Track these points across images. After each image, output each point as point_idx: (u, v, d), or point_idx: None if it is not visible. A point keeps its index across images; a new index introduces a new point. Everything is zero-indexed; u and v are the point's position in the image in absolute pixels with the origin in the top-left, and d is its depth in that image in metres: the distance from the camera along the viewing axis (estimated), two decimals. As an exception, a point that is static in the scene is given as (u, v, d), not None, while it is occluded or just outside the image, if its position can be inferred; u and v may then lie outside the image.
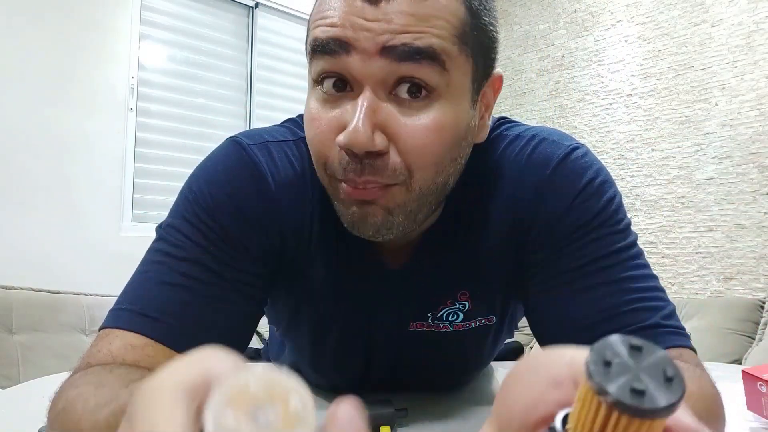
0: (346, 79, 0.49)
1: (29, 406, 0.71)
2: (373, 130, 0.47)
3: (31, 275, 2.22)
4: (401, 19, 0.46)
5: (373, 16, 0.46)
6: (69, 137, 2.40)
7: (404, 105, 0.49)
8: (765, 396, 0.59)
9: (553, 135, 0.61)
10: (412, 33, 0.46)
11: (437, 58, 0.47)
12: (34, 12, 2.34)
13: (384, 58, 0.47)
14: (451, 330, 0.64)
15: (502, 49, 3.27)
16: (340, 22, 0.47)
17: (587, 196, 0.57)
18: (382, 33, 0.46)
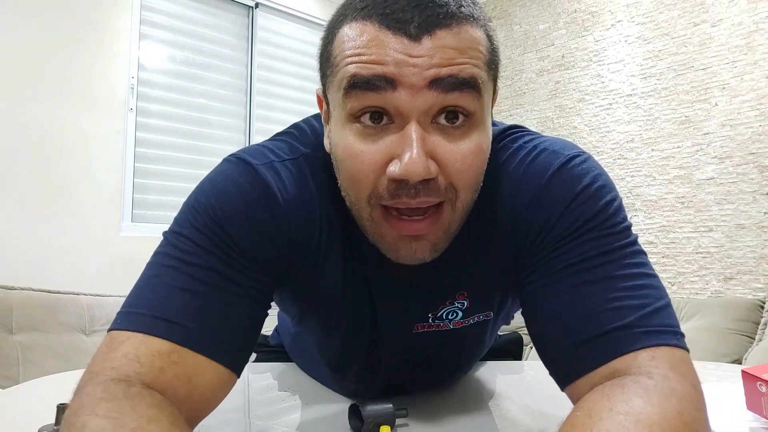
0: (388, 112, 0.51)
1: (29, 406, 0.71)
2: (427, 159, 0.50)
3: (31, 275, 2.22)
4: (444, 53, 0.49)
5: (417, 52, 0.49)
6: (69, 137, 2.40)
7: (446, 132, 0.51)
8: (765, 396, 0.59)
9: (555, 145, 0.61)
10: (456, 65, 0.50)
11: (477, 87, 0.51)
12: (34, 12, 2.34)
13: (432, 90, 0.49)
14: (451, 327, 0.66)
15: (503, 49, 3.27)
16: (382, 59, 0.49)
17: (584, 200, 0.56)
18: (429, 68, 0.49)
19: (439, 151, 0.51)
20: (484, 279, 0.64)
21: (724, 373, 0.95)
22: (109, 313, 2.21)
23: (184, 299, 0.52)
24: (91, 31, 2.49)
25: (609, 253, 0.54)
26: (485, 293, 0.65)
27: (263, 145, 0.63)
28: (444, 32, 0.49)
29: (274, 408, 0.71)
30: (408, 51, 0.49)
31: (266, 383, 0.85)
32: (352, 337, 0.67)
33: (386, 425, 0.57)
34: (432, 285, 0.64)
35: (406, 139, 0.49)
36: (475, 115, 0.52)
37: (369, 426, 0.57)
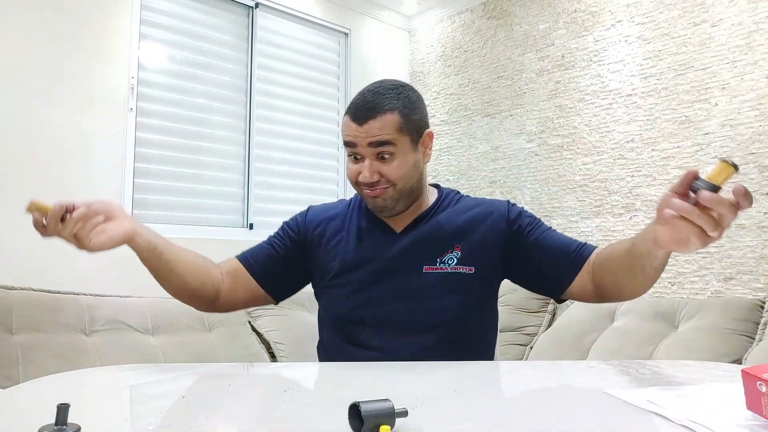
0: (358, 154, 1.13)
1: (29, 406, 0.71)
2: (372, 174, 1.11)
3: (31, 275, 2.22)
4: (372, 131, 1.09)
5: (365, 130, 1.10)
6: (69, 137, 2.40)
7: (381, 161, 1.11)
8: (765, 396, 0.59)
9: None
10: (377, 135, 1.09)
11: (390, 143, 1.10)
12: (33, 12, 2.34)
13: (370, 147, 1.10)
14: (449, 271, 1.13)
15: (502, 49, 3.27)
16: (351, 134, 1.11)
17: (515, 206, 1.24)
18: (366, 138, 1.10)
19: (379, 169, 1.11)
20: (469, 242, 1.15)
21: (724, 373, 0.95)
22: (110, 313, 2.21)
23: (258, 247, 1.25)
24: (91, 31, 2.49)
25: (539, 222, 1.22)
26: (470, 252, 1.14)
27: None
28: (372, 120, 1.10)
29: (274, 408, 0.71)
30: (358, 130, 1.10)
31: (266, 383, 0.85)
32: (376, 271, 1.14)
33: (386, 425, 0.57)
34: (431, 239, 1.16)
35: (364, 166, 1.12)
36: (393, 154, 1.11)
37: (369, 426, 0.57)
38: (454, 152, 3.48)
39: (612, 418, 0.66)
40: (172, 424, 0.62)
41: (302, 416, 0.66)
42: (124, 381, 0.91)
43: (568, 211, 2.90)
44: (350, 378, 0.86)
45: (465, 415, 0.68)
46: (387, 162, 1.10)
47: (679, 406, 0.66)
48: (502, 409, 0.72)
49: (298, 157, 3.24)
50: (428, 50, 3.72)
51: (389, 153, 1.09)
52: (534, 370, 0.98)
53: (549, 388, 0.84)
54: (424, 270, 1.12)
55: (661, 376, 0.93)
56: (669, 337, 2.18)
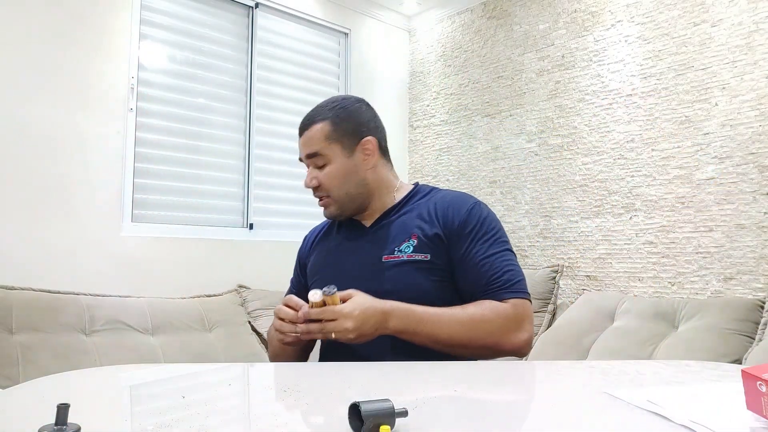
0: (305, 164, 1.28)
1: (29, 406, 0.71)
2: (311, 180, 1.27)
3: (31, 275, 2.22)
4: (306, 142, 1.26)
5: (302, 143, 1.27)
6: (69, 137, 2.40)
7: (318, 169, 1.26)
8: (765, 396, 0.59)
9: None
10: (309, 146, 1.25)
11: (319, 153, 1.24)
12: (33, 12, 2.34)
13: (307, 158, 1.27)
14: (405, 258, 1.17)
15: (502, 49, 3.27)
16: (299, 146, 1.29)
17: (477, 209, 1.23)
18: (304, 149, 1.27)
19: (317, 176, 1.26)
20: (424, 232, 1.19)
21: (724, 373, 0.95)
22: (110, 313, 2.21)
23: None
24: (91, 31, 2.49)
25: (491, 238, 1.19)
26: (425, 241, 1.18)
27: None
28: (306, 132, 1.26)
29: (274, 408, 0.71)
30: (301, 142, 1.27)
31: (266, 383, 0.85)
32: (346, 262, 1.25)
33: (386, 425, 0.57)
34: (392, 231, 1.24)
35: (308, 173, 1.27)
36: (325, 162, 1.24)
37: (369, 426, 0.57)
38: (454, 152, 3.48)
39: (612, 418, 0.66)
40: (172, 424, 0.62)
41: (302, 416, 0.66)
42: (124, 381, 0.91)
43: (568, 211, 2.90)
44: (350, 378, 0.86)
45: (465, 415, 0.68)
46: (322, 170, 1.24)
47: (679, 406, 0.66)
48: (502, 409, 0.72)
49: (298, 157, 3.23)
50: (428, 50, 3.72)
51: (321, 162, 1.23)
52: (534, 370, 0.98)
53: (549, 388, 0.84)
54: (383, 259, 1.19)
55: (661, 376, 0.93)
56: (669, 337, 2.18)
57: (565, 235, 2.89)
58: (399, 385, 0.82)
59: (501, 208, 3.19)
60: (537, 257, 3.00)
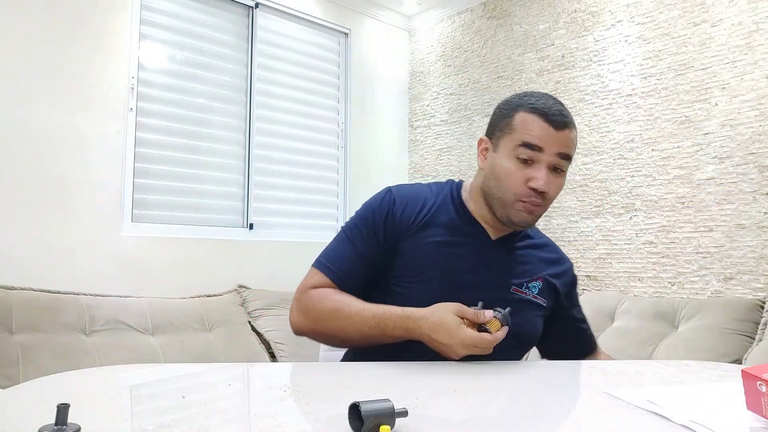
0: (537, 160, 1.05)
1: (29, 406, 0.71)
2: (548, 185, 1.04)
3: (31, 275, 2.22)
4: (567, 141, 1.05)
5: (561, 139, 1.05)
6: (69, 137, 2.40)
7: (555, 174, 1.06)
8: (765, 396, 0.59)
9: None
10: (569, 148, 1.06)
11: (570, 159, 1.07)
12: (33, 12, 2.34)
13: (557, 156, 1.04)
14: (530, 298, 1.13)
15: (502, 49, 3.27)
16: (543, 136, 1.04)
17: (574, 271, 1.30)
18: (559, 147, 1.04)
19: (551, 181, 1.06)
20: (549, 280, 1.17)
21: (724, 373, 0.95)
22: (110, 313, 2.21)
23: (340, 252, 1.12)
24: (91, 31, 2.49)
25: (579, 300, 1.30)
26: (547, 288, 1.16)
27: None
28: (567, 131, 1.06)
29: (274, 408, 0.71)
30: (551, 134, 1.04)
31: (266, 383, 0.85)
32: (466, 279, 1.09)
33: (386, 425, 0.57)
34: (519, 262, 1.15)
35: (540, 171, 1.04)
36: (564, 171, 1.08)
37: (369, 426, 0.57)
38: (455, 152, 3.48)
39: (612, 418, 0.66)
40: (172, 424, 0.62)
41: (302, 416, 0.66)
42: (124, 381, 0.91)
43: (568, 211, 2.90)
44: (350, 378, 0.86)
45: (465, 415, 0.68)
46: (558, 177, 1.06)
47: (679, 406, 0.66)
48: (502, 409, 0.72)
49: (298, 157, 3.24)
50: (428, 50, 3.72)
51: (564, 169, 1.07)
52: (534, 370, 0.98)
53: (549, 388, 0.84)
54: (511, 289, 1.11)
55: (661, 376, 0.93)
56: (669, 337, 2.18)
57: (565, 235, 2.89)
58: (399, 385, 0.82)
59: (501, 208, 3.19)
60: (537, 257, 3.00)
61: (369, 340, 1.04)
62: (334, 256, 1.11)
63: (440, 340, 0.96)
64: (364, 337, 1.04)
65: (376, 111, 3.61)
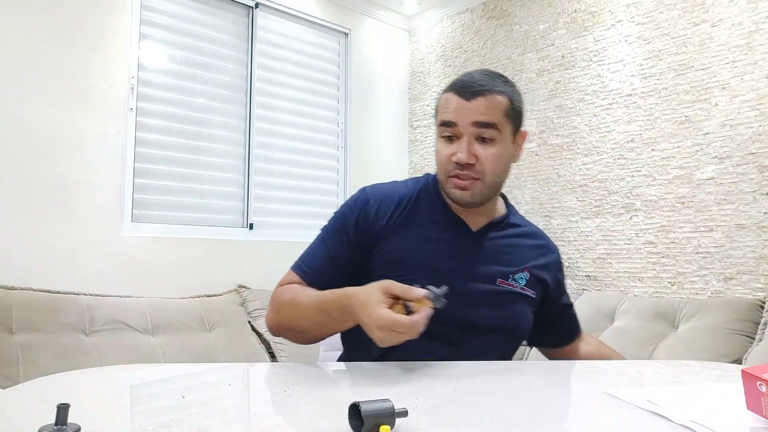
0: (456, 135, 1.07)
1: (29, 406, 0.71)
2: (470, 155, 1.05)
3: (31, 275, 2.22)
4: (480, 109, 1.04)
5: (474, 107, 1.05)
6: (69, 137, 2.40)
7: (481, 144, 1.06)
8: (765, 396, 0.59)
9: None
10: (485, 114, 1.04)
11: (495, 126, 1.05)
12: (33, 12, 2.34)
13: (473, 126, 1.05)
14: (518, 290, 1.11)
15: (502, 49, 3.27)
16: (453, 109, 1.06)
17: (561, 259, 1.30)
18: (472, 115, 1.04)
19: (477, 152, 1.06)
20: (536, 271, 1.15)
21: (724, 373, 0.95)
22: (109, 313, 2.21)
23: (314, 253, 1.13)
24: (91, 31, 2.49)
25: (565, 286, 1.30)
26: (534, 279, 1.14)
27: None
28: (481, 98, 1.05)
29: (274, 408, 0.71)
30: (463, 106, 1.05)
31: (266, 383, 0.85)
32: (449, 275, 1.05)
33: (386, 425, 0.57)
34: (504, 252, 1.13)
35: (462, 144, 1.05)
36: (495, 139, 1.06)
37: (369, 426, 0.57)
38: (454, 152, 3.48)
39: (612, 418, 0.66)
40: (172, 424, 0.62)
41: (302, 416, 0.66)
42: (124, 381, 0.91)
43: (568, 211, 2.90)
44: (350, 378, 0.86)
45: (465, 415, 0.68)
46: (486, 147, 1.05)
47: (679, 406, 0.66)
48: (502, 409, 0.72)
49: (298, 157, 3.24)
50: (428, 50, 3.72)
51: (491, 137, 1.05)
52: (534, 370, 0.98)
53: (549, 388, 0.84)
54: (497, 282, 1.10)
55: (661, 376, 0.93)
56: (669, 337, 2.18)
57: (565, 235, 2.88)
58: (399, 385, 0.81)
59: (501, 208, 3.19)
60: (537, 257, 3.00)
61: (321, 328, 1.01)
62: (307, 257, 1.12)
63: (363, 320, 0.87)
64: (316, 324, 1.00)
65: (376, 111, 3.61)
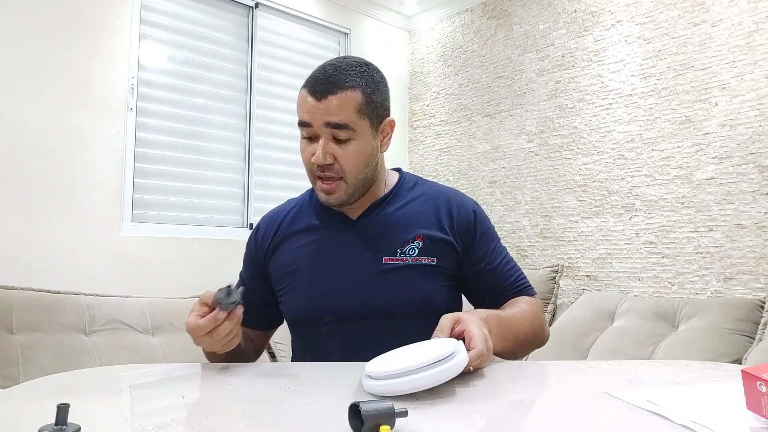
0: (313, 135, 1.04)
1: (29, 406, 0.71)
2: (326, 156, 1.02)
3: (31, 275, 2.22)
4: (331, 108, 1.00)
5: (323, 107, 1.01)
6: (69, 137, 2.40)
7: (337, 143, 1.03)
8: (765, 396, 0.59)
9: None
10: (336, 115, 1.00)
11: (348, 126, 1.02)
12: (33, 12, 2.34)
13: (327, 127, 1.01)
14: (410, 262, 1.06)
15: (502, 49, 3.28)
16: (307, 110, 1.03)
17: (480, 211, 1.17)
18: (323, 115, 1.01)
19: (334, 152, 1.03)
20: (431, 234, 1.09)
21: (724, 373, 0.95)
22: (109, 313, 2.21)
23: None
24: (91, 31, 2.49)
25: (495, 238, 1.16)
26: (431, 243, 1.08)
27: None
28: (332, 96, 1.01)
29: (274, 408, 0.71)
30: (315, 106, 1.01)
31: (266, 383, 0.85)
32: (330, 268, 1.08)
33: (386, 425, 0.57)
34: (388, 228, 1.09)
35: (318, 146, 1.03)
36: (351, 137, 1.02)
37: (369, 426, 0.57)
38: (454, 152, 3.48)
39: (612, 418, 0.66)
40: (172, 424, 0.62)
41: (302, 416, 0.66)
42: (124, 381, 0.91)
43: (568, 211, 2.90)
44: (350, 378, 0.86)
45: (465, 415, 0.68)
46: (343, 146, 1.02)
47: (679, 406, 0.66)
48: (502, 409, 0.72)
49: (298, 158, 3.22)
50: (428, 50, 3.72)
51: (346, 137, 1.02)
52: (534, 370, 0.98)
53: (549, 388, 0.84)
54: (383, 261, 1.06)
55: (661, 376, 0.93)
56: (669, 337, 2.18)
57: (565, 235, 2.89)
58: (399, 385, 0.81)
59: (501, 208, 3.19)
60: (537, 257, 3.00)
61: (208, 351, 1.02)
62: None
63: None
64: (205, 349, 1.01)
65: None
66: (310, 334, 1.11)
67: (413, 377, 0.71)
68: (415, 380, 0.71)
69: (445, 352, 0.74)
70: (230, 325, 0.91)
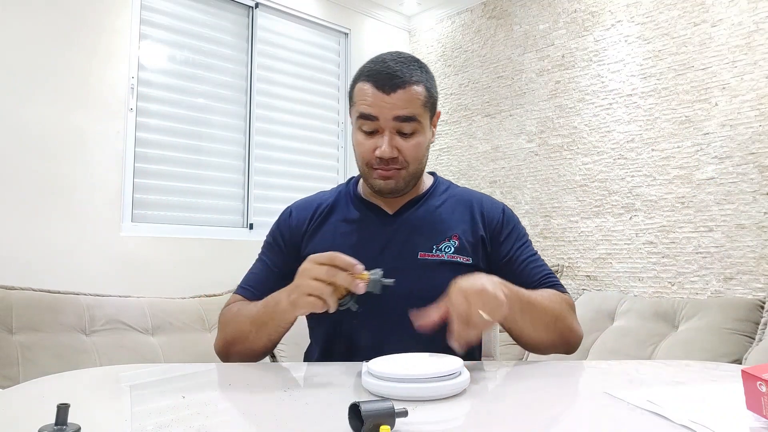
0: (376, 128, 1.06)
1: (29, 406, 0.71)
2: (393, 149, 1.05)
3: (31, 275, 2.22)
4: (400, 103, 1.03)
5: (393, 101, 1.03)
6: (69, 137, 2.40)
7: (402, 137, 1.06)
8: (765, 396, 0.59)
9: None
10: (405, 109, 1.03)
11: (415, 119, 1.05)
12: (33, 12, 2.34)
13: (394, 120, 1.04)
14: (445, 259, 1.07)
15: (502, 49, 3.28)
16: (373, 104, 1.04)
17: (509, 211, 1.19)
18: (392, 110, 1.03)
19: (398, 145, 1.06)
20: (467, 234, 1.11)
21: (724, 373, 0.95)
22: (109, 313, 2.21)
23: (253, 272, 1.17)
24: (92, 31, 2.49)
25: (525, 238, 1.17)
26: (467, 243, 1.10)
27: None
28: (400, 91, 1.03)
29: (274, 408, 0.71)
30: (383, 99, 1.03)
31: (266, 383, 0.85)
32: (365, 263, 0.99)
33: (386, 425, 0.57)
34: (426, 225, 1.11)
35: (383, 139, 1.05)
36: (416, 130, 1.06)
37: (369, 426, 0.57)
38: (454, 152, 3.48)
39: (612, 418, 0.66)
40: (172, 424, 0.62)
41: (302, 416, 0.66)
42: (124, 381, 0.91)
43: (568, 211, 2.90)
44: (350, 378, 0.86)
45: (465, 415, 0.68)
46: (408, 139, 1.05)
47: (679, 406, 0.66)
48: (502, 409, 0.72)
49: (298, 158, 3.24)
50: (428, 50, 3.72)
51: (412, 130, 1.04)
52: (534, 370, 0.98)
53: (549, 388, 0.84)
54: (419, 256, 1.07)
55: (661, 376, 0.93)
56: (669, 337, 2.18)
57: (565, 235, 2.89)
58: (399, 385, 0.81)
59: (501, 208, 3.19)
60: (537, 257, 3.00)
61: (263, 330, 0.99)
62: (247, 276, 1.17)
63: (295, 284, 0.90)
64: (257, 325, 0.99)
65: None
66: (340, 320, 1.05)
67: (414, 386, 0.72)
68: (417, 389, 0.72)
69: (450, 369, 0.74)
70: (334, 304, 0.88)
